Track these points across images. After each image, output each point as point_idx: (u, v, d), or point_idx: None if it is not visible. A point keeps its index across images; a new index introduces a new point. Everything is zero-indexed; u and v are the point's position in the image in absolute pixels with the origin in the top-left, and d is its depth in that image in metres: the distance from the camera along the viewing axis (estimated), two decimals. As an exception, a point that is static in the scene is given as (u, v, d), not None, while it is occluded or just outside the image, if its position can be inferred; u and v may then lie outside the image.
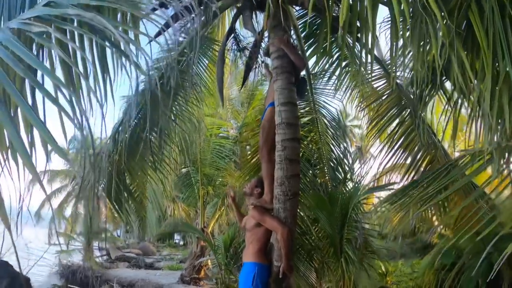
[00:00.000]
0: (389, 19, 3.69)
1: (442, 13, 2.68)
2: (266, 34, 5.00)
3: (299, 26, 6.26)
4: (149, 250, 25.21)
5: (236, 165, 11.68)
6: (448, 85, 4.65)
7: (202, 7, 4.58)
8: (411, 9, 3.17)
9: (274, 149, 4.32)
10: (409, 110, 5.91)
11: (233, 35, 5.13)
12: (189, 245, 17.98)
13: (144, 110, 5.38)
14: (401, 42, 3.65)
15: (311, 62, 6.54)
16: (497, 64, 2.58)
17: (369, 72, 5.91)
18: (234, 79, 11.78)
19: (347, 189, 6.40)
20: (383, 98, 6.32)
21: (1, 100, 1.94)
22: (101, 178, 5.59)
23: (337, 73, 6.40)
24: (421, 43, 3.25)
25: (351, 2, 3.36)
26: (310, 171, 6.51)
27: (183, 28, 5.47)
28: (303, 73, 5.43)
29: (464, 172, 3.83)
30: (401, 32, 3.53)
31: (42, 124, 1.86)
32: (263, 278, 4.06)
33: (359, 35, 3.76)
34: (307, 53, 6.34)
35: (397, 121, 6.14)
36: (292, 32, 5.81)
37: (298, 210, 5.74)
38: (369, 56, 4.01)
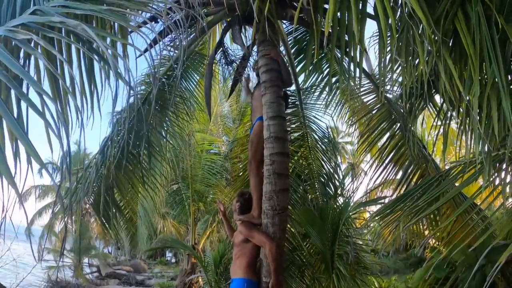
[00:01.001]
0: (378, 33, 3.72)
1: (428, 21, 2.69)
2: (255, 48, 5.02)
3: (289, 42, 6.29)
4: (140, 267, 24.99)
5: (227, 182, 11.63)
6: (437, 98, 4.66)
7: (191, 22, 4.61)
8: (398, 23, 3.18)
9: (262, 163, 4.29)
10: (399, 124, 5.93)
11: (221, 49, 5.13)
12: (181, 263, 17.80)
13: (132, 124, 5.35)
14: (389, 56, 3.66)
15: (301, 78, 6.55)
16: (484, 71, 2.59)
17: (358, 86, 5.94)
18: (224, 96, 11.79)
19: (338, 204, 6.35)
20: (373, 112, 6.34)
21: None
22: (88, 193, 5.53)
23: (327, 88, 6.41)
24: (409, 57, 3.25)
25: (339, 15, 3.36)
26: (301, 187, 6.46)
27: (172, 42, 5.47)
28: (292, 88, 5.47)
29: (454, 183, 3.82)
30: (389, 47, 3.55)
31: (26, 137, 1.81)
32: (252, 295, 4.01)
33: (347, 49, 3.76)
34: (297, 69, 6.35)
35: (387, 135, 6.16)
36: (282, 47, 5.85)
37: (289, 226, 5.71)
38: (357, 70, 4.01)
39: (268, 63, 4.48)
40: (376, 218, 4.61)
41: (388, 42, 3.46)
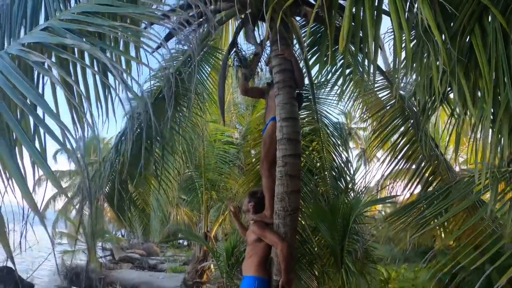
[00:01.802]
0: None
1: (444, 39, 2.67)
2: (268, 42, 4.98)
3: (302, 35, 6.24)
4: (152, 251, 25.33)
5: (240, 170, 11.68)
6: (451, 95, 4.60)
7: (203, 19, 4.60)
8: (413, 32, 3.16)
9: (274, 164, 4.32)
10: (412, 121, 5.90)
11: (234, 49, 5.10)
12: (193, 246, 18.01)
13: (146, 119, 5.40)
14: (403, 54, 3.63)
15: (314, 71, 6.52)
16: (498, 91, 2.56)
17: (372, 82, 5.90)
18: (238, 83, 11.76)
19: (349, 199, 6.36)
20: (387, 108, 6.31)
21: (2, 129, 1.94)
22: (102, 187, 5.63)
23: (340, 81, 6.37)
24: (424, 58, 3.23)
25: (353, 11, 3.34)
26: (312, 182, 6.48)
27: (186, 38, 5.47)
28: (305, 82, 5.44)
29: (464, 193, 3.81)
30: (403, 45, 3.52)
31: (43, 161, 1.85)
32: (263, 292, 4.09)
33: (362, 45, 3.74)
34: (311, 62, 6.32)
35: (400, 130, 6.14)
36: (295, 40, 5.81)
37: (299, 219, 5.75)
38: (372, 66, 3.98)
39: (281, 63, 4.47)
40: (385, 223, 4.63)
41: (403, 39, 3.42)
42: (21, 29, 3.44)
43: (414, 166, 5.99)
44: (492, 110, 2.58)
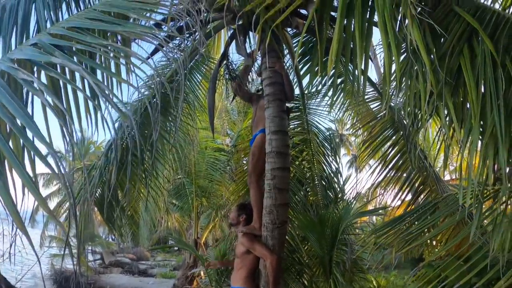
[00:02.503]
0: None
1: (432, 57, 2.69)
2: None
3: (294, 45, 6.25)
4: (143, 255, 25.21)
5: (231, 178, 11.67)
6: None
7: (194, 30, 4.59)
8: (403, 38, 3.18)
9: (262, 176, 4.34)
10: (402, 132, 5.93)
11: (225, 62, 5.10)
12: (184, 251, 17.97)
13: (137, 130, 5.39)
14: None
15: (304, 81, 6.53)
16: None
17: (362, 93, 5.92)
18: (230, 91, 11.77)
19: (338, 210, 6.38)
20: (378, 118, 6.34)
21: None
22: (92, 195, 5.61)
23: (330, 92, 6.38)
24: (413, 75, 3.25)
25: (345, 22, 3.36)
26: (302, 192, 6.50)
27: (177, 47, 5.46)
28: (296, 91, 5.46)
29: (452, 209, 3.85)
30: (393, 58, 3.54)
31: (34, 186, 1.84)
32: (251, 304, 4.13)
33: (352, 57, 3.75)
34: (302, 71, 6.33)
35: (391, 141, 6.17)
36: (286, 51, 5.82)
37: (288, 228, 5.75)
38: (362, 78, 3.99)
39: (272, 76, 4.47)
40: (372, 236, 4.66)
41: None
42: (12, 36, 3.46)
43: (404, 175, 6.02)
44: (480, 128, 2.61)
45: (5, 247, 2.09)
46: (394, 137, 6.15)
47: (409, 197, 6.03)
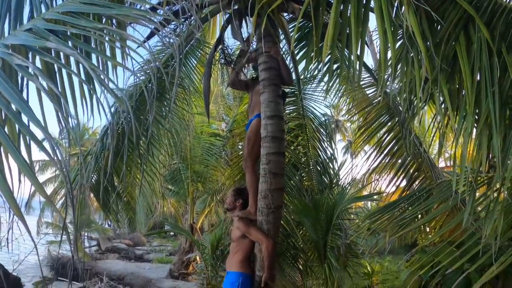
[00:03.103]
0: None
1: (428, 44, 2.69)
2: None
3: (290, 29, 6.22)
4: (139, 241, 25.32)
5: (226, 164, 11.68)
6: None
7: (189, 14, 4.56)
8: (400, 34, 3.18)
9: (258, 161, 4.35)
10: (397, 118, 5.95)
11: (221, 46, 5.08)
12: (179, 236, 18.06)
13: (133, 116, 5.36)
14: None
15: (300, 67, 6.51)
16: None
17: (358, 79, 5.91)
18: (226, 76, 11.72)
19: (333, 195, 6.41)
20: (373, 104, 6.34)
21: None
22: (88, 180, 5.61)
23: (326, 77, 6.38)
24: (410, 61, 3.25)
25: (341, 8, 3.34)
26: (297, 177, 6.52)
27: (173, 31, 5.43)
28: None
29: (445, 195, 3.88)
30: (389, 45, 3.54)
31: (30, 170, 1.84)
32: (246, 287, 4.15)
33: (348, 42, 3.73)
34: (298, 56, 6.30)
35: (386, 127, 6.18)
36: (282, 37, 5.79)
37: (284, 213, 5.79)
38: (358, 63, 3.98)
39: (267, 61, 4.45)
40: (366, 221, 4.69)
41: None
42: (5, 22, 3.42)
43: (399, 161, 6.05)
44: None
45: (2, 234, 2.10)
46: (389, 123, 6.15)
47: (404, 183, 6.07)
